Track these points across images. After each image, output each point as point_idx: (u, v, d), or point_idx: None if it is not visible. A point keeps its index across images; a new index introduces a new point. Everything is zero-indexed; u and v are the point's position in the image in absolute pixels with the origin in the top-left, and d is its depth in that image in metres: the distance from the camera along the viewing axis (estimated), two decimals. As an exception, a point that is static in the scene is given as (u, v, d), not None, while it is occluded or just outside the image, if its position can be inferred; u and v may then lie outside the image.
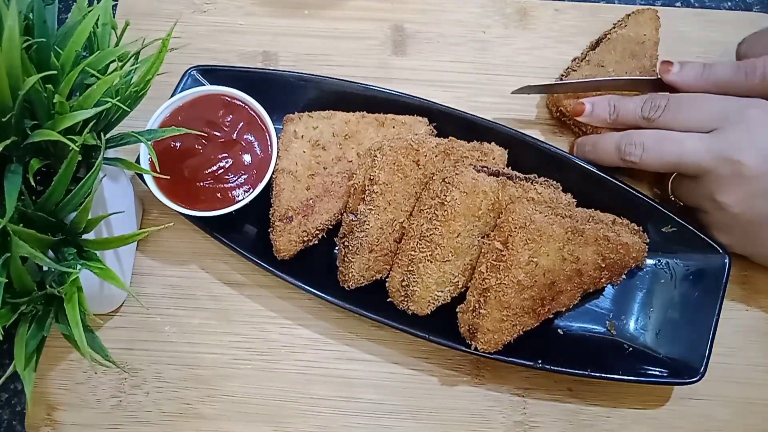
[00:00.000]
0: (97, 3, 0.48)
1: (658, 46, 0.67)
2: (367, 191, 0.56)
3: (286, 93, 0.64)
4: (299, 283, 0.58)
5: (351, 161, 0.61)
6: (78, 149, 0.43)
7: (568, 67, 0.69)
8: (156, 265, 0.63)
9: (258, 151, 0.59)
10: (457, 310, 0.57)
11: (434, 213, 0.54)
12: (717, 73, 0.60)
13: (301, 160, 0.61)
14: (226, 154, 0.58)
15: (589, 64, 0.67)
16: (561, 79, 0.68)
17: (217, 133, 0.59)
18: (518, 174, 0.59)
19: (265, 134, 0.60)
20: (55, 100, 0.42)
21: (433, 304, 0.56)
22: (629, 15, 0.68)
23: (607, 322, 0.61)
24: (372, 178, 0.55)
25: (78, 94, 0.47)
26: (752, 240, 0.58)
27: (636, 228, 0.60)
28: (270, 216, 0.60)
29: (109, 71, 0.47)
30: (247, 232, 0.61)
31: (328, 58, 0.71)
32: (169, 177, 0.56)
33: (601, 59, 0.66)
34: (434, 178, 0.56)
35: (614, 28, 0.68)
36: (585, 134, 0.66)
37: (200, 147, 0.58)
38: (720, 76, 0.60)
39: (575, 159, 0.62)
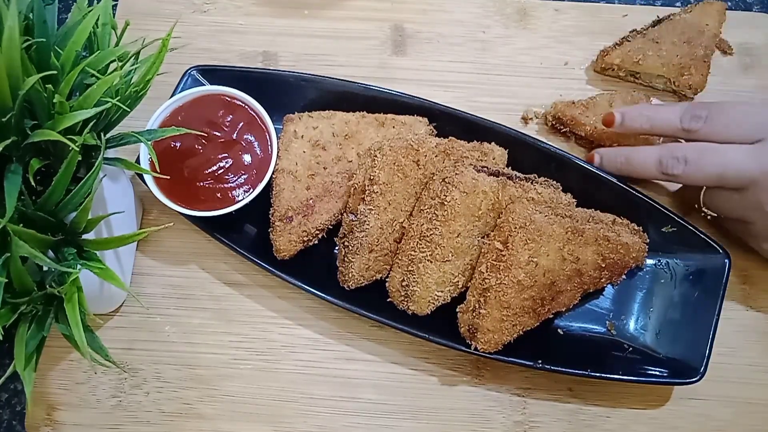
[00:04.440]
0: (97, 3, 0.49)
1: (717, 39, 0.68)
2: (367, 191, 0.56)
3: (286, 93, 0.64)
4: (299, 283, 0.58)
5: (351, 161, 0.61)
6: (78, 149, 0.43)
7: (624, 37, 0.69)
8: (156, 265, 0.63)
9: (258, 151, 0.59)
10: (457, 310, 0.57)
11: (434, 213, 0.54)
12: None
13: (301, 160, 0.61)
14: (226, 154, 0.58)
15: (645, 37, 0.68)
16: (615, 46, 0.69)
17: (217, 133, 0.59)
18: (518, 174, 0.59)
19: (265, 134, 0.60)
20: (55, 100, 0.43)
21: (433, 304, 0.56)
22: (698, 3, 0.70)
23: (607, 322, 0.61)
24: (372, 178, 0.55)
25: (78, 94, 0.47)
26: None
27: (636, 228, 0.60)
28: (270, 216, 0.60)
29: (109, 71, 0.47)
30: (247, 232, 0.61)
31: (328, 58, 0.71)
32: (169, 177, 0.56)
33: (658, 36, 0.68)
34: (434, 178, 0.56)
35: (680, 11, 0.70)
36: (582, 139, 0.67)
37: (200, 147, 0.58)
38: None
39: (575, 159, 0.62)
